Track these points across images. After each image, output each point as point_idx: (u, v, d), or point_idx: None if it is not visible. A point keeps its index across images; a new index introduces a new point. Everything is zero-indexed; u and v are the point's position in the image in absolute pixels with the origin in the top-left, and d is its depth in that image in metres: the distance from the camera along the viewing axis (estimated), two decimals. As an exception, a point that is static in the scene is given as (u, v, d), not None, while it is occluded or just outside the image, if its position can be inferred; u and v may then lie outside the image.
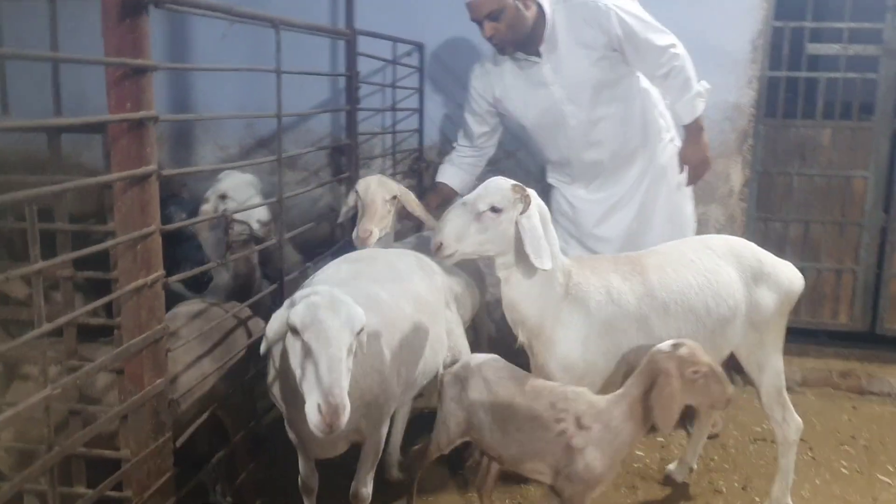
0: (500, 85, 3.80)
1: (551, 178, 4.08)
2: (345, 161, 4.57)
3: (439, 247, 2.67)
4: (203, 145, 5.19)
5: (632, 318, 2.82)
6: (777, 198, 4.99)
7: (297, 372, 2.12)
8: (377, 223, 3.28)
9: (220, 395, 2.70)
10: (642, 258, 3.00)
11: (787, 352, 3.36)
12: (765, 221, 4.95)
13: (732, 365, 3.28)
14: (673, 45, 3.53)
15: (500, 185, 2.69)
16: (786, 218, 4.94)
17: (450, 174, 4.07)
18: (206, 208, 3.48)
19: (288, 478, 2.88)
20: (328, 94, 5.02)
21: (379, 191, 3.34)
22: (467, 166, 4.08)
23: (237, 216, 3.32)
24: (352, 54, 3.88)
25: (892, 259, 4.92)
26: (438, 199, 4.05)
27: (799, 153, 4.96)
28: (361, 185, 3.38)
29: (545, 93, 3.69)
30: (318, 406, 1.99)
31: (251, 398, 2.98)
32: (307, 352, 2.07)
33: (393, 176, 4.84)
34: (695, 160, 3.67)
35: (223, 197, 3.51)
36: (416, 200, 3.58)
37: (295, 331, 2.10)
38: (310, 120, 5.04)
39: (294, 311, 2.13)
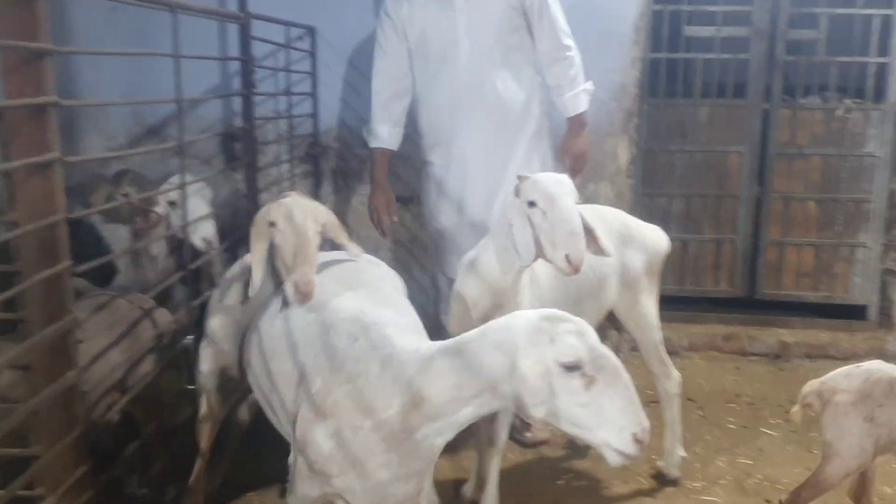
0: (409, 6, 3.68)
1: (431, 156, 3.91)
2: (239, 147, 4.50)
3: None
4: (88, 135, 4.99)
5: (556, 284, 2.97)
6: (661, 174, 5.25)
7: (580, 411, 1.88)
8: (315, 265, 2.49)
9: (130, 387, 2.64)
10: None
11: (674, 319, 3.61)
12: (650, 197, 5.20)
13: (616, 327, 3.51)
14: (570, 43, 3.65)
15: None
16: (669, 193, 5.20)
17: (386, 134, 3.91)
18: (156, 214, 3.40)
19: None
20: (218, 79, 4.91)
21: (308, 220, 2.51)
22: (398, 118, 3.91)
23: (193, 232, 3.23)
24: (246, 38, 3.81)
25: (767, 228, 5.27)
26: (385, 166, 3.97)
27: (679, 131, 5.23)
28: (278, 212, 2.51)
29: (450, 18, 3.63)
30: (634, 435, 1.85)
31: (159, 389, 2.92)
32: (591, 383, 1.87)
33: (290, 162, 4.81)
34: (576, 153, 3.76)
35: (173, 204, 3.41)
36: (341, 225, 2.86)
37: (574, 367, 1.87)
38: (199, 106, 4.92)
39: (568, 345, 1.88)
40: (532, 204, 2.62)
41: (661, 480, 3.51)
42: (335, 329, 2.23)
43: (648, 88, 5.11)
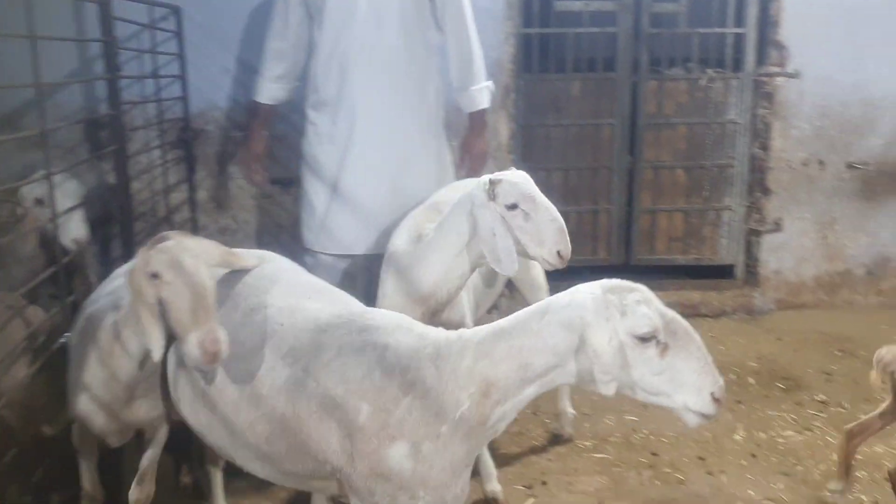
0: None
1: (315, 117, 3.64)
2: (106, 135, 4.27)
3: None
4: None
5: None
6: (539, 148, 5.36)
7: (655, 379, 1.88)
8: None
9: (2, 391, 2.47)
10: (440, 205, 3.14)
11: (558, 289, 3.69)
12: (530, 171, 5.22)
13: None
14: (475, 36, 3.59)
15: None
16: (548, 167, 5.31)
17: (269, 89, 3.73)
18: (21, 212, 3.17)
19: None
20: (77, 63, 4.64)
21: (200, 266, 2.10)
22: (285, 74, 3.72)
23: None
24: (107, 18, 3.60)
25: (640, 197, 5.48)
26: (266, 123, 3.79)
27: (554, 105, 5.35)
28: (161, 261, 2.06)
29: None
30: (712, 394, 1.86)
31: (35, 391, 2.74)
32: (665, 350, 1.87)
33: (161, 148, 4.61)
34: (479, 152, 3.72)
35: (39, 201, 3.18)
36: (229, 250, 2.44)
37: (649, 337, 1.85)
38: (59, 92, 4.63)
39: (642, 316, 1.85)
40: (513, 207, 2.60)
41: (554, 440, 3.63)
42: (349, 347, 2.06)
43: (522, 64, 5.18)
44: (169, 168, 4.62)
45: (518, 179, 2.67)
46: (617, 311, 1.86)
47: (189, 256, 2.07)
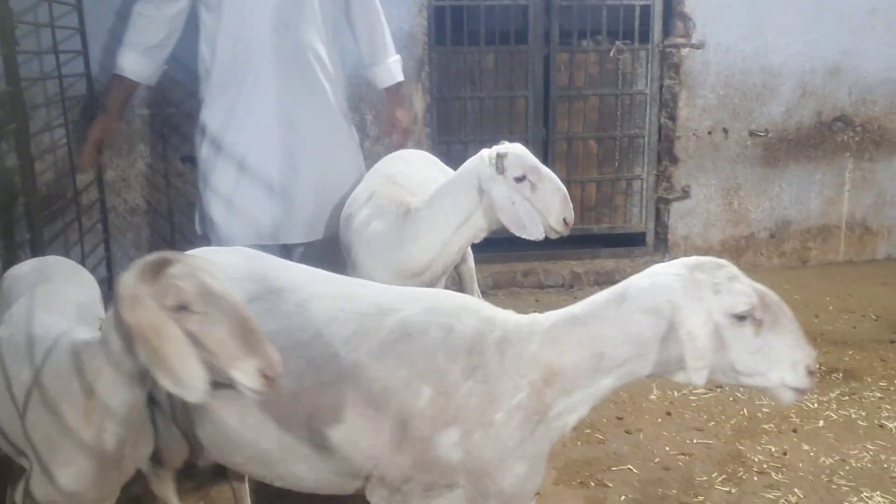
0: None
1: (213, 105, 3.41)
2: (4, 113, 4.06)
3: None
4: None
5: None
6: (454, 121, 5.38)
7: (751, 359, 1.77)
8: None
9: None
10: (398, 178, 3.21)
11: (477, 261, 3.77)
12: (447, 144, 5.31)
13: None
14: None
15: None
16: (464, 140, 5.34)
17: (133, 63, 3.35)
18: None
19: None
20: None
21: (228, 285, 1.80)
22: (156, 51, 3.35)
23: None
24: (1, -10, 3.43)
25: (555, 168, 5.54)
26: (122, 96, 3.44)
27: (468, 78, 5.37)
28: (186, 290, 1.70)
29: None
30: (807, 367, 1.77)
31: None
32: (760, 326, 1.76)
33: (65, 126, 4.43)
34: (405, 123, 3.68)
35: None
36: None
37: (746, 315, 1.74)
38: (-52, 70, 4.39)
39: (739, 293, 1.74)
40: (521, 178, 2.68)
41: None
42: (413, 329, 1.92)
43: (436, 37, 5.18)
44: (74, 147, 4.44)
45: (521, 152, 2.75)
46: (709, 290, 1.74)
47: (210, 277, 1.75)
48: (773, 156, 5.62)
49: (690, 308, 1.73)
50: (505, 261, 5.47)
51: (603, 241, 5.79)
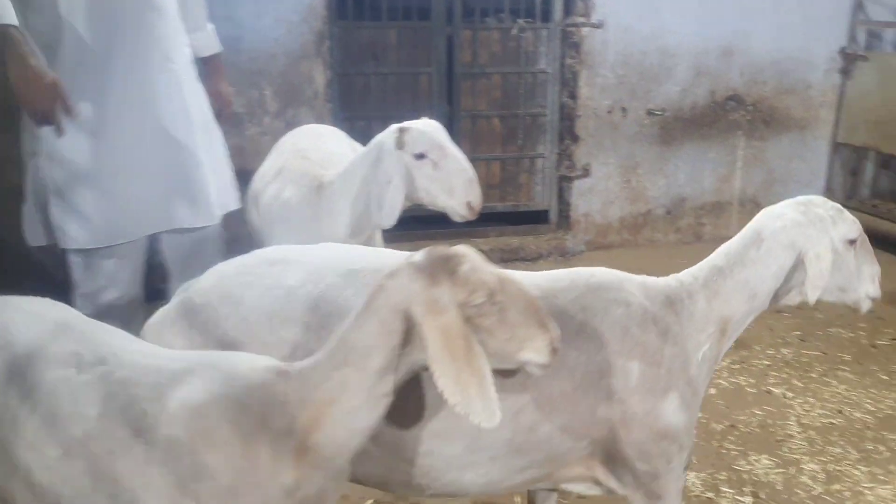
0: None
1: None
2: None
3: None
4: None
5: None
6: (358, 97, 5.31)
7: (851, 276, 2.08)
8: None
9: None
10: (307, 152, 3.15)
11: (386, 240, 3.74)
12: (350, 121, 5.23)
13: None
14: None
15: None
16: (368, 116, 5.28)
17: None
18: None
19: None
20: None
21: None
22: None
23: None
24: None
25: (460, 146, 5.51)
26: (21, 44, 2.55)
27: (371, 54, 5.30)
28: (486, 283, 1.53)
29: None
30: (878, 277, 2.11)
31: None
32: (855, 247, 2.08)
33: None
34: (227, 97, 3.32)
35: None
36: None
37: (854, 240, 2.06)
38: None
39: (850, 221, 2.06)
40: (421, 156, 2.58)
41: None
42: (591, 311, 1.90)
43: (337, 11, 5.09)
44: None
45: (427, 128, 2.67)
46: (829, 221, 2.02)
47: (482, 264, 1.57)
48: (669, 134, 5.78)
49: (820, 238, 1.99)
50: (411, 239, 5.44)
51: (508, 219, 5.84)
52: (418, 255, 1.54)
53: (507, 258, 5.46)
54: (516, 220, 5.85)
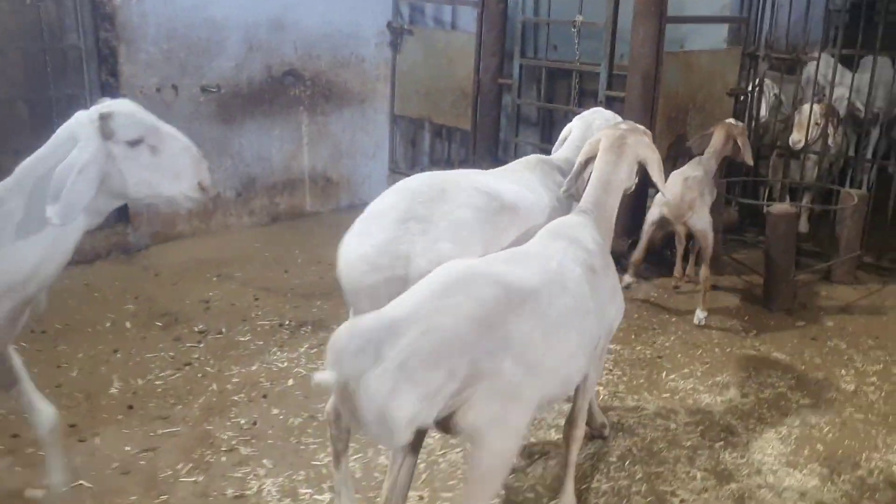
0: None
1: None
2: None
3: None
4: None
5: None
6: None
7: None
8: None
9: None
10: None
11: None
12: None
13: None
14: None
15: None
16: None
17: None
18: None
19: None
20: None
21: None
22: None
23: None
24: None
25: None
26: None
27: None
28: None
29: None
30: None
31: None
32: None
33: None
34: None
35: None
36: None
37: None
38: None
39: None
40: (136, 142, 2.23)
41: None
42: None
43: None
44: None
45: (131, 109, 2.29)
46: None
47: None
48: (228, 112, 5.46)
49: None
50: None
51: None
52: (624, 124, 2.78)
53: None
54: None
